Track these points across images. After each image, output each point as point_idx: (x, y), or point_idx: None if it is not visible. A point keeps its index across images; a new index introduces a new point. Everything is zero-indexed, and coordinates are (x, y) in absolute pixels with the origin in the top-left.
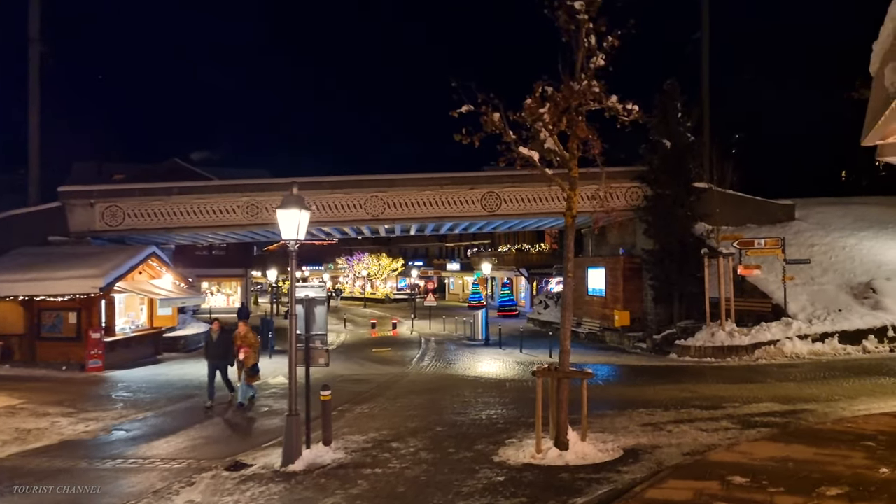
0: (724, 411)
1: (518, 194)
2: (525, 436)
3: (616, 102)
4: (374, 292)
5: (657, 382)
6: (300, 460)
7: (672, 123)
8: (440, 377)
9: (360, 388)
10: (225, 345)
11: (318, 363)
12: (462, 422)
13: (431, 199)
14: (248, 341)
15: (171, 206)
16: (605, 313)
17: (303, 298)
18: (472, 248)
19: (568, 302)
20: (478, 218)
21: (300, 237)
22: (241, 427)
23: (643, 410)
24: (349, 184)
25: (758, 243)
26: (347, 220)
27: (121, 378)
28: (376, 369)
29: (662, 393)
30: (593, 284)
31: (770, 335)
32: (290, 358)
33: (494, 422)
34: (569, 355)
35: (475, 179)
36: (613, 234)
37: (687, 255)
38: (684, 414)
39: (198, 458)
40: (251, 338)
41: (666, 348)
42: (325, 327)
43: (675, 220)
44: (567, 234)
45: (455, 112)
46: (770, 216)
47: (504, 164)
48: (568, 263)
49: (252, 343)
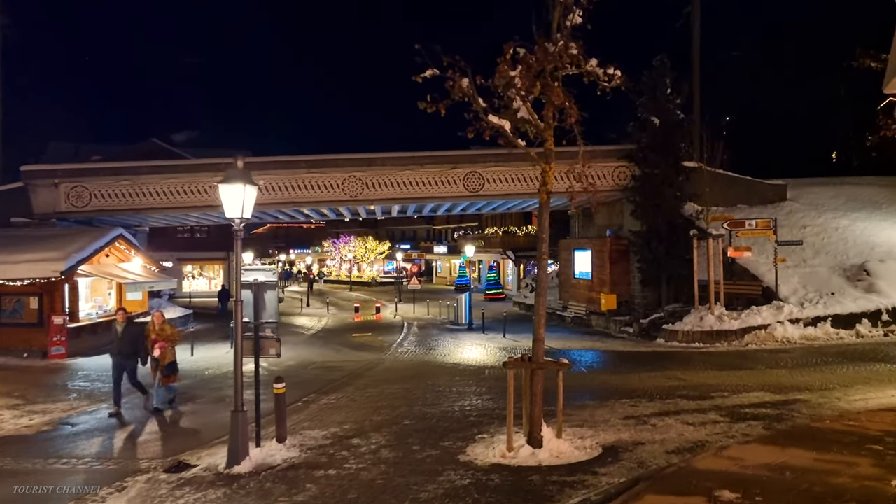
0: (713, 402)
1: (502, 174)
2: (498, 430)
3: (596, 66)
4: (360, 275)
5: (643, 369)
6: (247, 461)
7: (661, 100)
8: (417, 364)
9: (332, 375)
10: (133, 339)
11: (268, 353)
12: (432, 414)
13: (411, 179)
14: (165, 334)
15: (139, 186)
16: (591, 297)
17: (250, 283)
18: (460, 230)
19: (543, 287)
20: (460, 198)
21: (245, 215)
22: (197, 420)
23: (626, 401)
24: (326, 163)
25: (749, 224)
26: (324, 201)
27: (83, 366)
28: (352, 356)
29: (648, 381)
30: (580, 267)
31: (761, 319)
32: (236, 349)
33: (467, 414)
34: (543, 344)
35: (457, 158)
36: (601, 215)
37: (676, 237)
38: (670, 405)
39: (140, 458)
40: (168, 330)
41: (653, 333)
42: (277, 314)
43: (663, 200)
44: (541, 213)
45: (418, 77)
46: (761, 196)
47: (472, 135)
48: (542, 245)
49: (169, 336)
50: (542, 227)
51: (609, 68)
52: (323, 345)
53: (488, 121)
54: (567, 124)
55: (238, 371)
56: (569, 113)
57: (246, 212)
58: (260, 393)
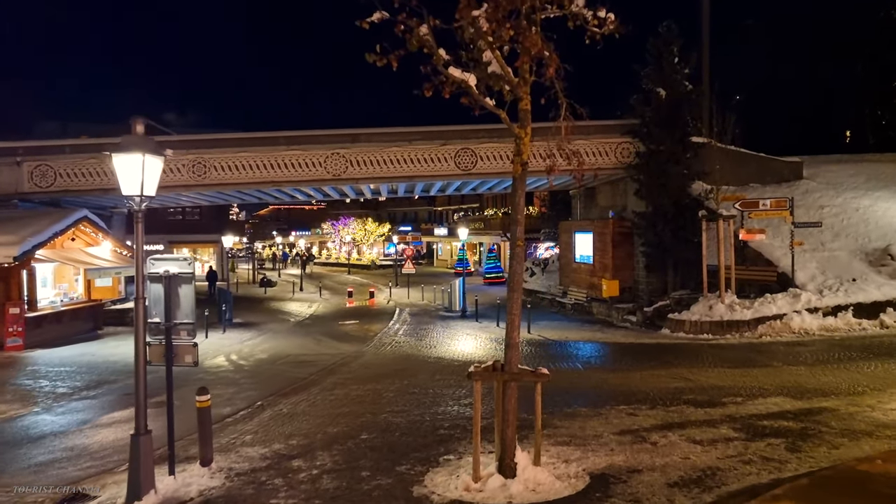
0: (724, 410)
1: (496, 151)
2: (468, 449)
3: (583, 7)
4: (359, 258)
5: (645, 366)
6: (152, 495)
7: (667, 70)
8: (398, 358)
9: (300, 372)
10: None
11: (182, 361)
12: (397, 425)
13: (399, 157)
14: None
15: (106, 164)
16: (592, 282)
17: (160, 275)
18: (461, 211)
19: (517, 281)
20: (452, 177)
21: (148, 192)
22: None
23: (624, 408)
24: (307, 139)
25: (763, 204)
26: (306, 180)
27: (38, 359)
28: (331, 347)
29: (650, 380)
30: (581, 250)
31: (776, 308)
32: (137, 356)
33: (438, 425)
34: (518, 350)
35: (447, 134)
36: (604, 195)
37: (683, 218)
38: (674, 414)
39: (36, 485)
40: None
41: (658, 322)
42: (193, 313)
43: (669, 178)
44: (515, 190)
45: (364, 22)
46: (775, 175)
47: (430, 93)
48: (516, 228)
49: None
50: (515, 207)
51: (600, 10)
52: (305, 334)
53: (449, 74)
54: (546, 79)
55: (140, 384)
56: (547, 63)
57: (148, 188)
58: (173, 406)
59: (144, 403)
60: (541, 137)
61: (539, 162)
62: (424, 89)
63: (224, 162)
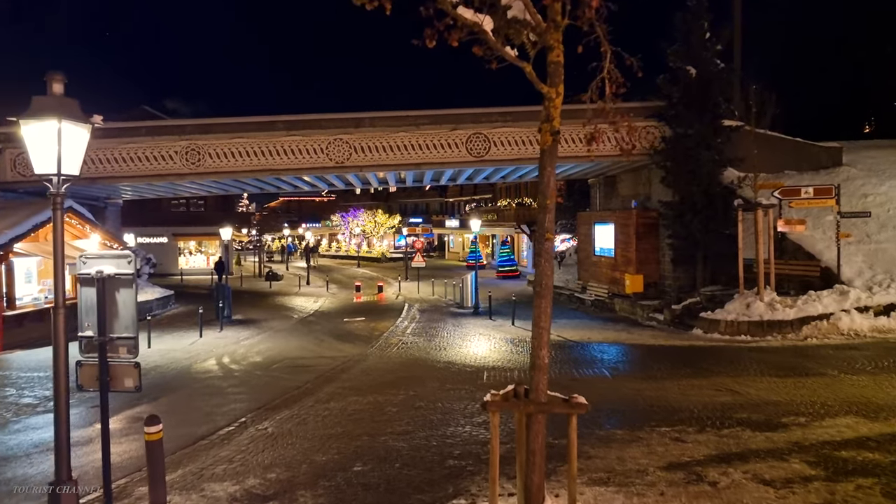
0: (788, 435)
1: (510, 136)
2: (484, 490)
3: None
4: (369, 251)
5: (682, 373)
6: None
7: (696, 47)
8: (404, 363)
9: (295, 380)
10: None
11: (122, 386)
12: (399, 452)
13: (406, 143)
14: None
15: (94, 151)
16: (614, 277)
17: (91, 277)
18: (473, 202)
19: (545, 284)
20: (463, 164)
21: (69, 171)
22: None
23: (667, 430)
24: (307, 124)
25: (805, 192)
26: (307, 168)
27: (13, 362)
28: (333, 349)
29: (691, 393)
30: (601, 243)
31: (821, 307)
32: (58, 381)
33: (447, 453)
34: (545, 374)
35: (458, 118)
36: (625, 184)
37: (713, 208)
38: (730, 440)
39: None
40: None
41: (688, 321)
42: (135, 326)
43: (699, 165)
44: (544, 166)
45: None
46: (812, 161)
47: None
48: (545, 216)
49: None
50: (544, 189)
51: None
52: (307, 332)
53: (458, 15)
54: (584, 21)
55: (62, 418)
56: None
57: (69, 164)
58: (109, 444)
59: (67, 445)
60: (568, 120)
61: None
62: (426, 37)
63: (219, 149)
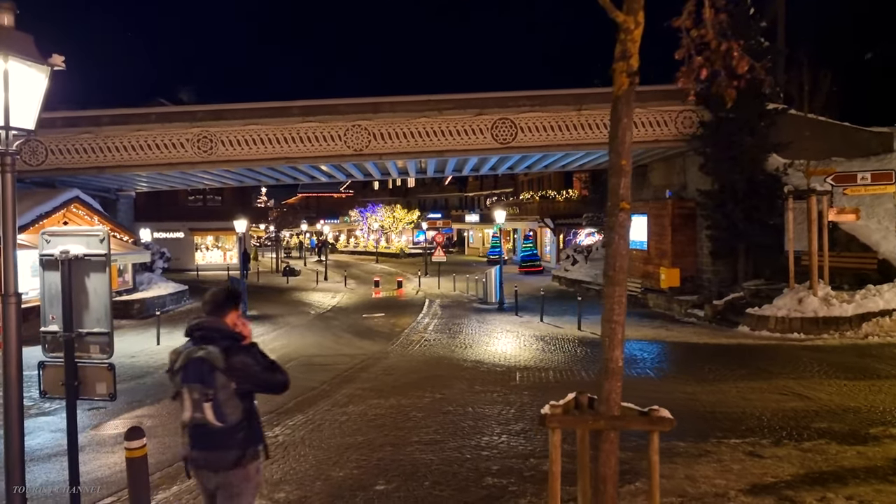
0: (884, 449)
1: (538, 121)
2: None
3: None
4: (387, 246)
5: (736, 374)
6: None
7: (739, 22)
8: (428, 361)
9: (310, 380)
10: None
11: (93, 392)
12: (427, 466)
13: (428, 129)
14: None
15: (102, 140)
16: (647, 270)
17: (55, 258)
18: (493, 196)
19: (619, 267)
20: (488, 151)
21: (20, 123)
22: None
23: (737, 441)
24: (324, 109)
25: (861, 178)
26: (323, 156)
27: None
28: (352, 346)
29: (753, 397)
30: (632, 235)
31: (882, 302)
32: (7, 384)
33: (483, 468)
34: (618, 380)
35: (483, 102)
36: (657, 173)
37: (757, 197)
38: (816, 456)
39: None
40: None
41: (732, 318)
42: (109, 319)
43: (741, 151)
44: (619, 117)
45: None
46: (861, 147)
47: None
48: (619, 181)
49: None
50: (618, 147)
51: None
52: (324, 328)
53: None
54: None
55: (14, 439)
56: None
57: (19, 116)
58: (78, 464)
59: (21, 469)
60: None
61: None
62: None
63: (232, 136)
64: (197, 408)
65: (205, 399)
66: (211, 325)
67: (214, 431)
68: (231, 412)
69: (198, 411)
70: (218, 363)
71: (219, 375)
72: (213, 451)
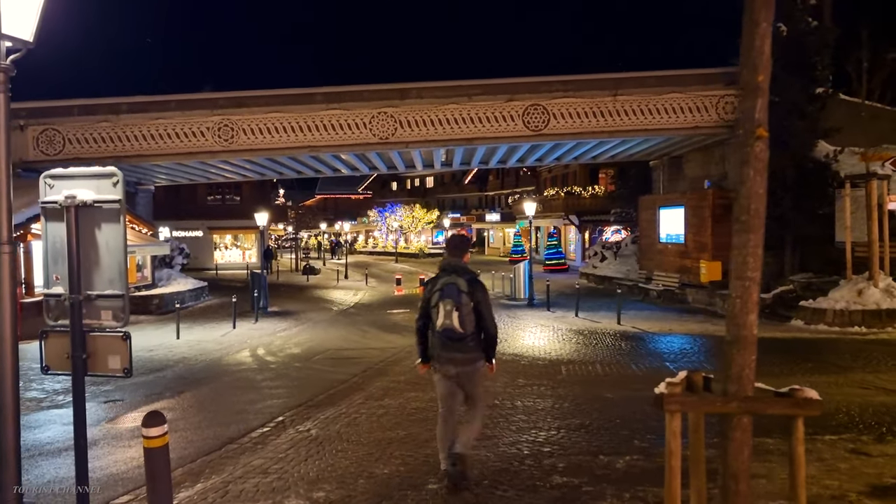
0: None
1: (571, 107)
2: None
3: None
4: (406, 246)
5: (804, 369)
6: None
7: (786, 2)
8: None
9: (340, 373)
10: None
11: (104, 367)
12: (483, 463)
13: (457, 115)
14: None
15: (120, 128)
16: (684, 265)
17: (60, 206)
18: (515, 194)
19: (756, 209)
20: (519, 139)
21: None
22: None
23: (832, 438)
24: (348, 96)
25: None
26: (348, 145)
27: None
28: (379, 340)
29: (833, 392)
30: (668, 229)
31: None
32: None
33: (546, 466)
34: (753, 352)
35: (514, 88)
36: (693, 164)
37: (807, 185)
38: None
39: None
40: None
41: (782, 312)
42: (124, 280)
43: (791, 136)
44: (757, 20)
45: None
46: None
47: None
48: (755, 101)
49: None
50: (756, 59)
51: None
52: (349, 324)
53: None
54: None
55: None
56: None
57: (14, 24)
58: (87, 455)
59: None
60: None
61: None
62: None
63: (254, 124)
64: (448, 316)
65: (455, 309)
66: (457, 263)
67: (457, 337)
68: (469, 324)
69: (448, 318)
70: (463, 287)
71: (464, 296)
72: (455, 353)
